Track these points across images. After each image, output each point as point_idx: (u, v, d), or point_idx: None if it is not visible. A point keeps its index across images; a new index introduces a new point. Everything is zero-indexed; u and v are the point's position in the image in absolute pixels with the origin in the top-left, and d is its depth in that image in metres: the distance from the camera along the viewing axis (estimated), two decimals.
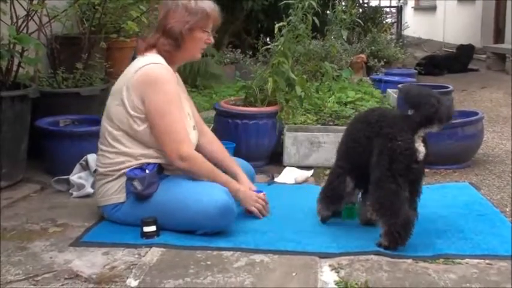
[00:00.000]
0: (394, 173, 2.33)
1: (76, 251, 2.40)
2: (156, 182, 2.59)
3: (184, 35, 2.67)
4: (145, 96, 2.57)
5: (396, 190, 2.34)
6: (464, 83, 8.10)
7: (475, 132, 3.81)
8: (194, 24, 2.68)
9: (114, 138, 2.64)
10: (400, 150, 2.33)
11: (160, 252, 2.37)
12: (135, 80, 2.59)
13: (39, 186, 3.29)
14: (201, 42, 2.75)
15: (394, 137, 2.34)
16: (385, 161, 2.34)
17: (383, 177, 2.35)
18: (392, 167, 2.33)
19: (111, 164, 2.64)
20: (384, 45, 7.98)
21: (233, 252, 2.37)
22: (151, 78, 2.59)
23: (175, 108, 2.61)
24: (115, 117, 2.63)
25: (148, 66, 2.60)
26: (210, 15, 2.72)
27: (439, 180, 3.51)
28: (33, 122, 3.44)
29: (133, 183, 2.55)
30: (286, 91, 3.93)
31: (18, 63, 3.48)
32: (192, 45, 2.73)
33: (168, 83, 2.61)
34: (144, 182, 2.55)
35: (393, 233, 2.35)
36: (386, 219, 2.36)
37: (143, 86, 2.58)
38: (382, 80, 6.30)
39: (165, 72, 2.62)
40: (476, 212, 2.86)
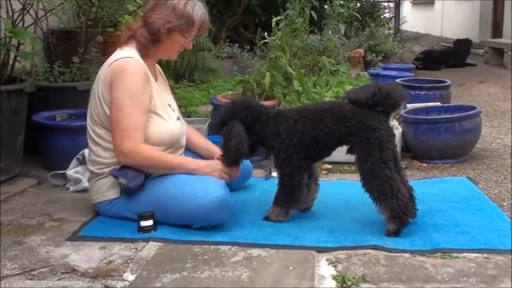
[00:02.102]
0: (386, 159, 2.48)
1: (73, 245, 2.39)
2: (140, 174, 2.57)
3: (161, 34, 2.61)
4: (112, 87, 2.55)
5: (390, 174, 2.47)
6: (462, 77, 8.10)
7: (473, 126, 3.80)
8: (175, 26, 2.61)
9: (98, 135, 2.63)
10: (386, 138, 2.50)
11: (157, 246, 2.37)
12: (106, 75, 2.57)
13: (36, 181, 3.29)
14: (178, 45, 2.69)
15: (378, 128, 2.50)
16: (376, 151, 2.48)
17: (376, 165, 2.47)
18: (383, 154, 2.47)
19: (100, 162, 2.64)
20: (382, 39, 7.98)
21: (230, 246, 2.37)
22: (119, 71, 2.54)
23: (133, 103, 2.53)
24: (95, 114, 2.63)
25: (120, 60, 2.57)
26: (195, 23, 2.65)
27: (437, 174, 3.50)
28: (30, 116, 3.43)
29: (119, 180, 2.56)
30: (283, 85, 3.93)
31: (15, 57, 3.46)
32: (168, 45, 2.68)
33: (132, 77, 2.54)
34: (127, 175, 2.54)
35: (398, 214, 2.44)
36: (388, 203, 2.45)
37: (111, 79, 2.55)
38: (380, 74, 6.29)
39: (134, 67, 2.56)
40: (474, 206, 2.85)
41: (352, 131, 2.52)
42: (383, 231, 2.49)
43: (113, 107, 2.54)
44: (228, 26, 8.00)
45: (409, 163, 3.73)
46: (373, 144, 2.47)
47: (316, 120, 2.57)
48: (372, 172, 2.47)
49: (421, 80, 5.58)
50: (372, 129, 2.49)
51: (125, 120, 2.52)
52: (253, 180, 3.20)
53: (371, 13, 9.50)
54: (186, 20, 2.61)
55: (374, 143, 2.47)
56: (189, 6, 2.63)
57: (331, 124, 2.55)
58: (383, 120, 2.53)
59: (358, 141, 2.52)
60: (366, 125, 2.50)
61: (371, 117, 2.51)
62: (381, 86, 2.55)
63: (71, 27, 4.41)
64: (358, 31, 8.22)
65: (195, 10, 2.64)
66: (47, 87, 3.75)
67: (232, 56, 7.25)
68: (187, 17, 2.61)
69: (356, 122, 2.51)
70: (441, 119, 3.82)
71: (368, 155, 2.48)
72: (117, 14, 4.21)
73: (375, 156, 2.47)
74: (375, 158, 2.46)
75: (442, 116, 3.92)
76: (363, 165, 2.51)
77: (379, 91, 2.50)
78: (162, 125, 2.65)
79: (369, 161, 2.48)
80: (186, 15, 2.61)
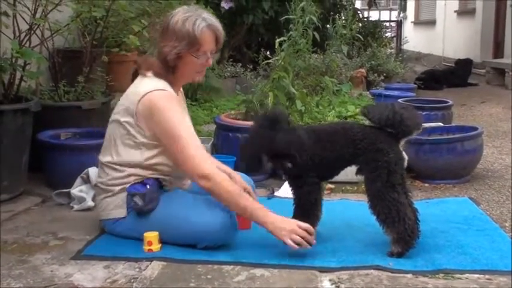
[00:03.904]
0: (394, 183, 2.49)
1: (77, 264, 2.40)
2: (156, 197, 2.59)
3: (171, 62, 2.57)
4: (154, 126, 2.54)
5: (398, 198, 2.48)
6: (464, 97, 8.13)
7: (475, 147, 3.82)
8: (181, 50, 2.54)
9: (113, 154, 2.63)
10: (395, 161, 2.51)
11: (161, 266, 2.37)
12: (139, 110, 2.54)
13: (40, 199, 3.30)
14: (194, 65, 2.61)
15: (387, 152, 2.50)
16: (383, 174, 2.48)
17: (383, 189, 2.48)
18: (390, 178, 2.48)
19: (110, 179, 2.64)
20: (384, 59, 8.02)
21: (233, 266, 2.38)
22: (155, 109, 2.51)
23: (184, 129, 2.54)
24: (116, 134, 2.63)
25: (150, 94, 2.53)
26: (199, 40, 2.54)
27: (439, 195, 3.51)
28: (35, 135, 3.46)
29: (134, 198, 2.55)
30: (286, 105, 3.95)
31: (21, 77, 3.50)
32: (184, 70, 2.63)
33: (171, 109, 2.53)
34: (144, 197, 2.54)
35: (404, 237, 2.46)
36: (394, 227, 2.46)
37: (149, 117, 2.53)
38: (382, 94, 6.33)
39: (167, 99, 2.55)
40: (476, 227, 2.87)
41: (361, 153, 2.53)
42: (385, 252, 2.50)
43: (169, 141, 2.53)
44: (231, 45, 8.06)
45: (411, 183, 3.74)
46: (381, 168, 2.48)
47: (328, 142, 2.59)
48: (380, 195, 2.48)
49: (423, 100, 5.61)
50: (381, 152, 2.50)
51: (189, 147, 2.50)
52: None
53: (373, 33, 9.57)
54: (188, 39, 2.53)
55: (382, 166, 2.48)
56: (188, 24, 2.53)
57: (341, 145, 2.56)
58: (393, 143, 2.54)
59: (366, 162, 2.53)
60: (375, 148, 2.51)
61: (380, 140, 2.52)
62: (397, 111, 2.51)
63: (76, 46, 4.47)
64: (360, 51, 8.27)
65: (196, 25, 2.53)
66: (52, 106, 3.78)
67: (235, 75, 7.30)
68: (188, 36, 2.53)
69: (366, 144, 2.52)
70: (443, 140, 3.84)
71: (376, 178, 2.49)
72: (121, 34, 4.26)
73: (383, 179, 2.47)
74: (383, 181, 2.47)
75: (444, 137, 3.94)
76: (370, 187, 2.52)
77: (393, 116, 2.49)
78: None
79: (377, 184, 2.49)
80: (187, 35, 2.53)
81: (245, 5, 7.31)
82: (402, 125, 2.50)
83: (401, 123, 2.50)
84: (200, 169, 2.49)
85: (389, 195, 2.46)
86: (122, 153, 2.61)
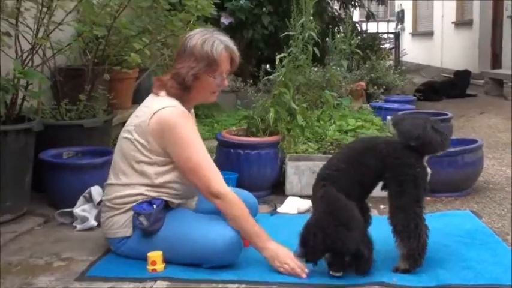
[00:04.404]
0: (418, 197, 2.51)
1: (81, 285, 2.40)
2: (162, 217, 2.59)
3: (188, 82, 2.60)
4: (166, 144, 2.56)
5: (420, 213, 2.51)
6: (463, 108, 8.16)
7: (475, 159, 3.84)
8: (199, 70, 2.59)
9: (127, 175, 2.63)
10: (421, 176, 2.53)
11: (165, 285, 2.38)
12: (151, 127, 2.56)
13: (43, 219, 3.30)
14: (211, 86, 2.67)
15: (414, 166, 2.52)
16: (411, 188, 2.49)
17: (410, 202, 2.49)
18: (417, 192, 2.50)
19: (118, 197, 2.64)
20: (383, 72, 8.04)
21: (238, 284, 2.38)
22: (167, 125, 2.55)
23: (197, 148, 2.58)
24: (126, 152, 2.64)
25: (162, 111, 2.56)
26: (217, 61, 2.60)
27: (441, 208, 3.52)
28: (37, 155, 3.46)
29: (140, 218, 2.55)
30: (287, 121, 3.97)
31: (23, 97, 3.52)
32: (200, 90, 2.66)
33: (184, 127, 2.56)
34: (150, 218, 2.54)
35: (414, 255, 2.47)
36: (409, 242, 2.47)
37: (161, 134, 2.56)
38: (382, 107, 6.34)
39: (179, 116, 2.58)
40: (479, 241, 2.87)
41: (389, 168, 2.54)
42: (389, 268, 2.51)
43: (181, 160, 2.57)
44: None
45: None
46: (409, 181, 2.49)
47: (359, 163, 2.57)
48: (403, 207, 2.49)
49: (422, 113, 5.61)
50: (408, 166, 2.51)
51: (203, 166, 2.56)
52: (258, 216, 3.21)
53: (372, 46, 9.61)
54: (208, 60, 2.59)
55: (409, 180, 2.49)
56: (207, 45, 2.60)
57: (371, 164, 2.56)
58: (419, 157, 2.55)
59: (393, 177, 2.53)
60: (403, 162, 2.52)
61: (408, 155, 2.53)
62: (427, 133, 2.50)
63: (78, 64, 4.50)
64: (359, 64, 8.31)
65: (214, 47, 2.60)
66: (54, 125, 3.77)
67: (235, 90, 7.32)
68: (207, 57, 2.59)
69: (393, 159, 2.53)
70: (444, 153, 3.84)
71: (403, 192, 2.50)
72: (123, 52, 4.28)
73: (410, 193, 2.49)
74: (409, 195, 2.49)
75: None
76: (395, 200, 2.52)
77: (423, 137, 2.49)
78: None
79: (403, 197, 2.50)
80: (206, 56, 2.58)
81: (245, 21, 7.35)
82: (430, 146, 2.53)
83: (429, 145, 2.52)
84: (213, 188, 2.55)
85: (413, 209, 2.48)
86: (132, 172, 2.62)
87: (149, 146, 2.58)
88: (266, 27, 7.46)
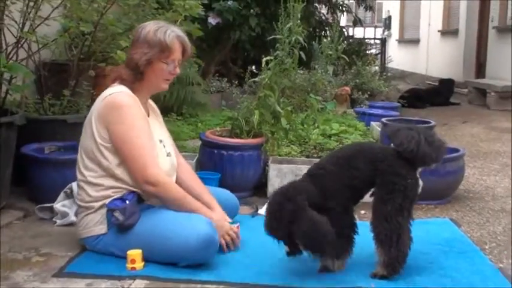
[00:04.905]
0: (403, 208, 2.49)
1: (59, 281, 2.39)
2: (137, 211, 2.60)
3: (141, 67, 2.67)
4: (109, 124, 2.61)
5: (403, 223, 2.49)
6: (446, 116, 8.23)
7: (456, 168, 3.87)
8: (152, 56, 2.67)
9: (88, 168, 2.66)
10: (411, 187, 2.51)
11: (144, 284, 2.37)
12: (100, 110, 2.64)
13: (22, 214, 3.27)
14: (163, 73, 2.74)
15: (405, 177, 2.50)
16: (398, 198, 2.48)
17: (393, 211, 2.47)
18: (403, 203, 2.48)
19: (90, 196, 2.65)
20: (368, 78, 8.09)
21: (216, 285, 2.39)
22: (113, 106, 2.61)
23: (138, 134, 2.60)
24: (86, 148, 2.67)
25: (112, 95, 2.64)
26: (170, 47, 2.70)
27: (420, 215, 3.55)
28: (19, 149, 3.44)
29: (115, 214, 2.56)
30: (272, 123, 3.98)
31: (6, 90, 3.49)
32: (153, 77, 2.73)
33: (129, 110, 2.62)
34: (125, 212, 2.55)
35: (393, 263, 2.47)
36: (389, 251, 2.46)
37: (106, 114, 2.61)
38: (366, 112, 6.38)
39: (127, 99, 2.64)
40: (457, 249, 2.90)
41: (380, 174, 2.52)
42: (367, 273, 2.52)
43: (119, 142, 2.60)
44: (217, 60, 8.10)
45: None
46: (397, 191, 2.47)
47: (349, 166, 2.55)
48: (388, 216, 2.46)
49: (405, 120, 5.65)
50: (399, 176, 2.49)
51: (138, 151, 2.59)
52: (239, 217, 3.22)
53: (358, 51, 9.66)
54: (160, 46, 2.68)
55: (398, 190, 2.47)
56: (160, 33, 2.69)
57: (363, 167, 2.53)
58: (411, 168, 2.53)
59: (382, 183, 2.51)
60: (394, 171, 2.50)
61: (401, 165, 2.51)
62: (420, 147, 2.48)
63: (63, 59, 4.46)
64: (344, 69, 8.34)
65: (167, 34, 2.70)
66: (37, 119, 3.75)
67: (220, 91, 7.32)
68: (160, 43, 2.68)
69: (385, 166, 2.52)
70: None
71: (388, 200, 2.47)
72: (109, 49, 4.25)
73: (396, 202, 2.47)
74: (395, 204, 2.47)
75: None
76: (380, 207, 2.49)
77: (417, 151, 2.48)
78: None
79: (389, 206, 2.47)
80: (158, 42, 2.68)
81: (232, 22, 7.36)
82: (423, 160, 2.52)
83: (423, 159, 2.51)
84: (146, 174, 2.57)
85: (396, 219, 2.46)
86: (92, 165, 2.65)
87: (102, 133, 2.62)
88: (253, 29, 7.48)
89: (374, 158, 2.55)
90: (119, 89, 2.68)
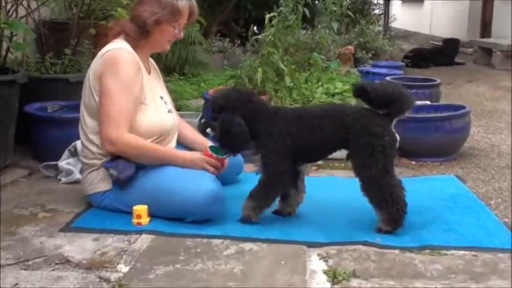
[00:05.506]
0: (388, 167, 2.45)
1: (66, 236, 2.41)
2: (130, 166, 2.58)
3: (149, 26, 2.64)
4: (101, 76, 2.59)
5: (392, 182, 2.46)
6: (451, 76, 8.16)
7: (462, 125, 3.85)
8: (162, 17, 2.64)
9: (90, 127, 2.65)
10: (389, 145, 2.45)
11: (150, 239, 2.38)
12: (98, 66, 2.62)
13: (27, 172, 3.28)
14: (168, 35, 2.72)
15: (382, 135, 2.44)
16: (381, 160, 2.43)
17: (378, 173, 2.43)
18: (385, 163, 2.43)
19: (92, 153, 2.65)
20: (372, 37, 8.01)
21: (222, 240, 2.39)
22: (110, 60, 2.59)
23: (122, 91, 2.56)
24: (87, 105, 2.66)
25: (111, 51, 2.61)
26: (181, 12, 2.67)
27: (426, 172, 3.54)
28: (21, 108, 3.42)
29: (110, 171, 2.57)
30: (275, 81, 3.95)
31: (7, 48, 3.45)
32: (158, 37, 2.70)
33: (123, 66, 2.58)
34: (118, 167, 2.55)
35: (395, 217, 2.47)
36: (387, 209, 2.46)
37: (102, 69, 2.59)
38: (370, 72, 6.33)
39: (125, 56, 2.60)
40: (462, 205, 2.90)
41: (353, 137, 2.46)
42: (372, 228, 2.52)
43: (102, 94, 2.58)
44: (219, 20, 8.00)
45: (398, 161, 3.76)
46: (378, 153, 2.42)
47: (313, 126, 2.51)
48: (375, 180, 2.43)
49: (410, 79, 5.62)
50: (375, 136, 2.43)
51: (113, 107, 2.55)
52: (244, 174, 3.22)
53: (361, 10, 9.54)
54: (171, 9, 2.65)
55: (378, 151, 2.42)
56: None
57: (328, 130, 2.50)
58: (386, 124, 2.47)
59: (359, 147, 2.46)
60: (369, 131, 2.44)
61: (374, 123, 2.45)
62: (396, 88, 2.47)
63: (63, 18, 4.40)
64: (348, 28, 8.25)
65: None
66: (39, 78, 3.73)
67: (222, 50, 7.26)
68: (171, 6, 2.65)
69: (358, 128, 2.45)
70: (431, 118, 3.86)
71: (371, 164, 2.43)
72: (109, 6, 4.19)
73: (379, 164, 2.42)
74: (379, 166, 2.42)
75: (432, 115, 3.96)
76: (365, 172, 2.46)
77: (392, 91, 2.43)
78: (151, 116, 2.67)
79: (372, 170, 2.43)
80: (170, 5, 2.65)
81: None
82: (400, 102, 2.45)
83: (399, 100, 2.45)
84: (109, 132, 2.55)
85: (384, 181, 2.43)
86: (92, 122, 2.64)
87: (97, 87, 2.60)
88: None
89: (344, 120, 2.48)
90: (120, 45, 2.65)
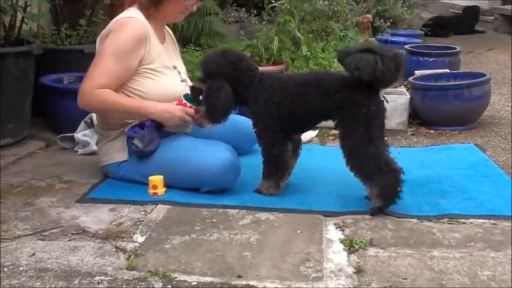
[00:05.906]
0: (371, 137, 2.31)
1: (82, 207, 2.42)
2: (156, 138, 2.57)
3: None
4: (104, 39, 2.58)
5: (375, 152, 2.32)
6: (471, 44, 8.01)
7: (482, 93, 3.78)
8: None
9: None
10: (375, 114, 2.34)
11: (166, 209, 2.39)
12: (105, 30, 2.61)
13: (44, 143, 3.30)
14: (181, 6, 2.67)
15: (367, 104, 2.33)
16: (360, 128, 2.31)
17: (359, 143, 2.32)
18: (369, 132, 2.31)
19: (108, 123, 2.65)
20: (391, 5, 7.84)
21: (238, 210, 2.39)
22: (116, 27, 2.55)
23: (113, 58, 2.50)
24: None
25: (121, 19, 2.58)
26: None
27: (444, 141, 3.50)
28: (37, 79, 3.42)
29: (134, 141, 2.55)
30: (292, 50, 3.90)
31: (22, 19, 3.44)
32: (170, 7, 2.65)
33: (126, 33, 2.53)
34: (144, 139, 2.53)
35: (384, 192, 2.33)
36: (370, 183, 2.36)
37: (107, 32, 2.58)
38: (388, 40, 6.20)
39: (131, 27, 2.55)
40: (481, 173, 2.85)
41: (337, 106, 2.37)
42: None
43: (97, 53, 2.58)
44: None
45: (417, 130, 3.72)
46: (359, 121, 2.31)
47: (297, 94, 2.43)
48: (355, 150, 2.33)
49: (429, 47, 5.51)
50: (359, 106, 2.32)
51: (98, 68, 2.52)
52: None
53: None
54: None
55: (359, 119, 2.31)
56: None
57: (312, 99, 2.41)
58: (372, 94, 2.34)
59: (343, 117, 2.37)
60: (352, 101, 2.34)
61: (359, 92, 2.33)
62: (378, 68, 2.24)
63: None
64: None
65: None
66: (54, 49, 3.72)
67: (239, 21, 7.16)
68: None
69: (342, 97, 2.35)
70: (450, 86, 3.79)
71: (351, 132, 2.33)
72: None
73: (358, 133, 2.31)
74: (357, 136, 2.31)
75: (452, 83, 3.89)
76: (345, 142, 2.37)
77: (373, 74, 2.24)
78: (161, 82, 2.63)
79: (353, 138, 2.33)
80: None
81: None
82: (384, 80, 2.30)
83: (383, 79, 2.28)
84: (81, 85, 2.52)
85: (366, 150, 2.30)
86: None
87: None
88: None
89: (328, 89, 2.38)
90: (132, 13, 2.62)
